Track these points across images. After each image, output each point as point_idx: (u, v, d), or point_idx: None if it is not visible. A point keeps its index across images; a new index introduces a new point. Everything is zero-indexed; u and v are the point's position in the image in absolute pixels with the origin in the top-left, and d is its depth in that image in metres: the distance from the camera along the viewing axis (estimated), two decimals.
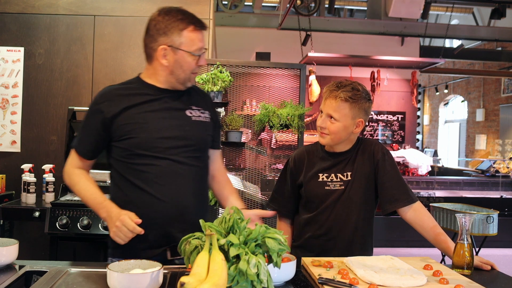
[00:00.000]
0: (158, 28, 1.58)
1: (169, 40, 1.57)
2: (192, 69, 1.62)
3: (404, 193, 1.78)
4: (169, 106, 1.64)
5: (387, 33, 8.28)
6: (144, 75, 1.69)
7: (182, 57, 1.58)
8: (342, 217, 1.81)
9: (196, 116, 1.68)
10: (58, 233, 2.74)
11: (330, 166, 1.84)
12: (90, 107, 1.65)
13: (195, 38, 1.59)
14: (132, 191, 1.60)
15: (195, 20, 1.60)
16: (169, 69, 1.60)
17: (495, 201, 6.17)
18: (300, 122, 3.22)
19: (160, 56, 1.58)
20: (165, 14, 1.58)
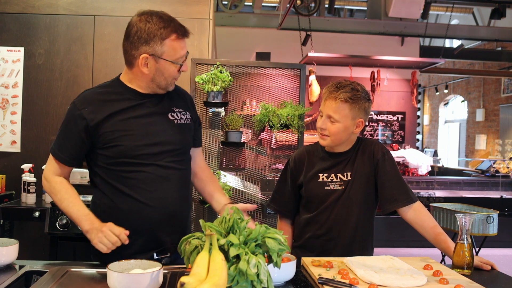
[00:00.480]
0: (140, 36, 1.53)
1: (151, 50, 1.53)
2: (173, 76, 1.60)
3: (404, 193, 1.78)
4: (152, 111, 1.62)
5: (387, 33, 8.28)
6: (124, 79, 1.65)
7: (164, 66, 1.56)
8: (342, 217, 1.81)
9: (179, 119, 1.67)
10: (58, 233, 2.73)
11: (330, 166, 1.84)
12: (70, 112, 1.60)
13: (177, 47, 1.55)
14: (118, 197, 1.58)
15: (177, 27, 1.56)
16: (150, 77, 1.58)
17: (495, 201, 6.17)
18: (300, 122, 3.22)
19: (141, 64, 1.55)
20: (147, 21, 1.54)
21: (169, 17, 1.57)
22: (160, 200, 1.57)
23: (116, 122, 1.56)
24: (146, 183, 1.57)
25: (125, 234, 1.47)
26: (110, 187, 1.60)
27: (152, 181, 1.57)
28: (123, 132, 1.56)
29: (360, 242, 1.83)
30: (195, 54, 3.38)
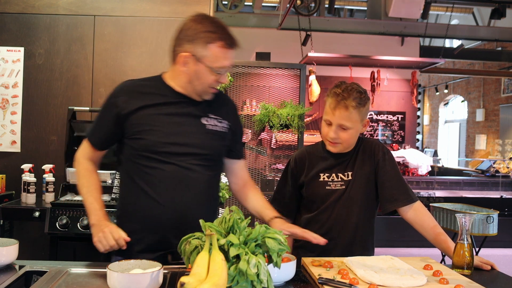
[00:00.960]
0: (187, 33, 1.53)
1: (193, 49, 1.51)
2: (210, 84, 1.56)
3: (404, 193, 1.79)
4: (185, 111, 1.60)
5: (387, 33, 8.28)
6: (166, 76, 1.65)
7: (202, 70, 1.53)
8: (343, 216, 1.81)
9: (212, 125, 1.64)
10: (58, 233, 2.73)
11: (331, 166, 1.85)
12: (107, 99, 1.63)
13: (220, 55, 1.52)
14: (134, 191, 1.59)
15: (226, 36, 1.52)
16: (187, 78, 1.56)
17: (495, 201, 6.17)
18: (300, 122, 3.22)
19: (181, 62, 1.54)
20: (198, 22, 1.53)
21: (222, 25, 1.54)
22: (172, 201, 1.55)
23: (145, 115, 1.56)
24: (162, 181, 1.55)
25: (125, 240, 1.49)
26: (129, 179, 1.61)
27: (169, 180, 1.55)
28: (149, 127, 1.56)
29: (360, 242, 1.83)
30: None
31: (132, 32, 3.41)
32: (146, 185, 1.56)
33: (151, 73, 3.52)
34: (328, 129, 1.78)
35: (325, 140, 1.82)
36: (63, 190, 2.99)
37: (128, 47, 3.41)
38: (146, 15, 3.42)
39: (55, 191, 3.05)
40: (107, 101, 1.62)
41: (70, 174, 3.03)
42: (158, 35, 3.41)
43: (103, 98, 3.46)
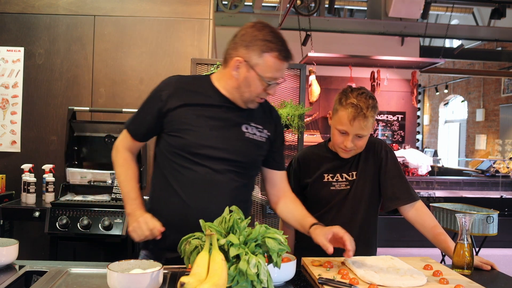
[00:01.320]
0: (244, 38, 1.51)
1: (247, 55, 1.50)
2: (258, 94, 1.55)
3: (406, 192, 1.80)
4: (227, 116, 1.58)
5: (387, 33, 8.28)
6: (214, 77, 1.64)
7: (253, 77, 1.51)
8: (348, 216, 1.81)
9: (251, 134, 1.62)
10: (58, 233, 2.73)
11: (336, 166, 1.85)
12: (153, 91, 1.61)
13: (273, 66, 1.50)
14: (164, 187, 1.59)
15: (282, 48, 1.50)
16: (236, 83, 1.54)
17: (495, 201, 6.17)
18: (300, 122, 3.22)
19: (233, 66, 1.52)
20: (257, 29, 1.51)
21: (280, 36, 1.53)
22: (200, 203, 1.53)
23: (186, 114, 1.55)
24: (193, 182, 1.54)
25: (159, 231, 1.50)
26: (160, 174, 1.61)
27: (199, 182, 1.54)
28: (188, 126, 1.54)
29: (364, 240, 1.84)
30: (195, 54, 3.38)
31: (132, 32, 3.41)
32: (176, 183, 1.56)
33: (151, 73, 3.56)
34: (344, 138, 1.75)
35: (337, 147, 1.80)
36: (63, 190, 2.99)
37: (128, 47, 3.41)
38: (146, 15, 3.42)
39: (55, 191, 3.05)
40: (152, 93, 1.61)
41: (70, 174, 3.03)
42: (158, 35, 3.41)
43: (103, 98, 3.48)
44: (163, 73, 3.40)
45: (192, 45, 3.41)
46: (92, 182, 3.04)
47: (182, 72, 3.38)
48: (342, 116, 1.73)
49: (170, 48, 3.41)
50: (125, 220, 2.75)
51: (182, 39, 3.41)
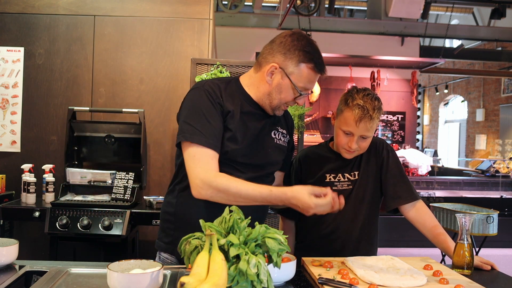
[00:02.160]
0: (283, 46, 1.52)
1: (284, 63, 1.51)
2: (287, 101, 1.56)
3: (407, 191, 1.80)
4: (260, 125, 1.59)
5: (387, 33, 8.29)
6: (244, 81, 1.62)
7: (286, 85, 1.52)
8: (350, 216, 1.81)
9: (278, 139, 1.64)
10: (58, 233, 2.73)
11: (338, 166, 1.85)
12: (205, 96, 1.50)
13: (307, 76, 1.52)
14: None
15: (318, 61, 1.52)
16: (268, 89, 1.54)
17: (495, 201, 6.17)
18: (300, 122, 3.22)
19: (268, 71, 1.52)
20: (296, 39, 1.52)
21: (317, 48, 1.55)
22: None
23: (230, 122, 1.52)
24: None
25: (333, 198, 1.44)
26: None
27: None
28: (231, 134, 1.52)
29: (366, 240, 1.84)
30: (195, 54, 3.38)
31: (132, 32, 3.41)
32: None
33: (151, 73, 3.56)
34: (348, 139, 1.75)
35: (341, 148, 1.80)
36: (63, 190, 2.99)
37: (128, 47, 3.41)
38: (146, 15, 3.42)
39: (55, 191, 3.05)
40: (208, 100, 1.49)
41: (70, 174, 3.03)
42: (158, 35, 3.41)
43: (103, 98, 3.49)
44: (163, 73, 3.41)
45: (192, 45, 3.41)
46: (92, 182, 3.04)
47: (182, 72, 3.39)
48: (347, 117, 1.73)
49: (170, 48, 3.41)
50: (126, 220, 2.75)
51: (182, 39, 3.41)
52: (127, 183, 2.95)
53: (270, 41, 1.58)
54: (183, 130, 1.48)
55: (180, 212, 1.60)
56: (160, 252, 1.66)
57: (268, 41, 1.61)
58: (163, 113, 3.40)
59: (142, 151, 3.04)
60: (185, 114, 1.52)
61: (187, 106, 1.53)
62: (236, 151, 1.53)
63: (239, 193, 1.42)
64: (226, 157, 1.52)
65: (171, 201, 1.64)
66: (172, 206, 1.62)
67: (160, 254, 1.65)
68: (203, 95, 1.51)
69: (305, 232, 1.91)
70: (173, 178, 1.67)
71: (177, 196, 1.62)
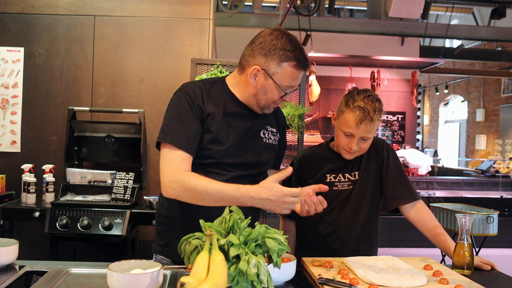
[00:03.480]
0: (263, 46, 1.50)
1: (265, 64, 1.49)
2: (274, 100, 1.55)
3: (407, 191, 1.80)
4: (247, 125, 1.58)
5: (387, 33, 8.29)
6: (229, 81, 1.61)
7: (270, 86, 1.51)
8: (351, 216, 1.82)
9: (268, 138, 1.64)
10: (58, 233, 2.73)
11: (338, 167, 1.85)
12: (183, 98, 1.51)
13: (291, 75, 1.50)
14: None
15: (301, 57, 1.50)
16: (253, 91, 1.54)
17: (495, 201, 6.17)
18: (300, 122, 3.22)
19: (251, 73, 1.51)
20: (276, 38, 1.50)
21: (298, 44, 1.52)
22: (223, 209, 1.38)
23: (213, 124, 1.51)
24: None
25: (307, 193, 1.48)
26: None
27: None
28: (215, 136, 1.51)
29: (367, 240, 1.84)
30: (195, 54, 3.38)
31: (132, 32, 3.41)
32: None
33: (151, 73, 3.56)
34: (349, 140, 1.75)
35: (341, 149, 1.80)
36: (63, 190, 2.99)
37: (128, 47, 3.41)
38: (146, 15, 3.42)
39: (55, 191, 3.05)
40: (186, 101, 1.50)
41: (70, 174, 3.03)
42: (158, 35, 3.41)
43: (103, 98, 3.48)
44: (163, 73, 3.41)
45: (192, 45, 3.41)
46: (92, 182, 3.04)
47: (182, 72, 3.39)
48: (348, 118, 1.73)
49: (170, 48, 3.41)
50: (126, 220, 2.75)
51: (182, 39, 3.41)
52: (127, 183, 2.95)
53: (250, 41, 1.56)
54: (160, 131, 1.52)
55: (172, 214, 1.60)
56: (156, 254, 1.65)
57: None
58: (163, 113, 3.37)
59: (142, 151, 3.04)
60: (165, 116, 1.55)
61: (168, 108, 1.56)
62: (221, 153, 1.52)
63: (206, 190, 1.40)
64: (212, 159, 1.52)
65: (163, 204, 1.64)
66: (165, 208, 1.63)
67: (156, 256, 1.65)
68: (182, 97, 1.52)
69: (305, 232, 1.91)
70: None
71: (168, 199, 1.60)
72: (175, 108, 1.53)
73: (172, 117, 1.52)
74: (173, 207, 1.59)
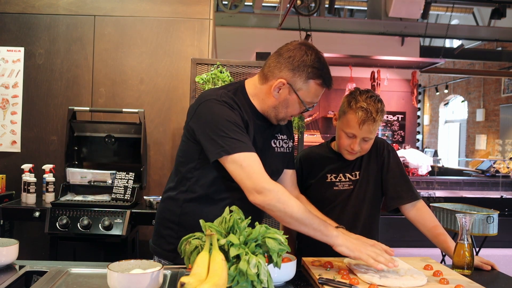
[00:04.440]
0: (291, 61, 1.47)
1: (292, 79, 1.47)
2: (293, 114, 1.56)
3: (408, 191, 1.80)
4: (263, 136, 1.58)
5: (387, 33, 8.29)
6: (249, 89, 1.57)
7: (293, 100, 1.50)
8: (351, 216, 1.82)
9: (279, 147, 1.63)
10: (58, 233, 2.73)
11: (339, 167, 1.85)
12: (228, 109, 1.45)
13: (315, 92, 1.50)
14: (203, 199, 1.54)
15: (327, 76, 1.50)
16: (274, 103, 1.52)
17: (495, 201, 6.17)
18: (300, 122, 3.22)
19: (275, 86, 1.49)
20: (305, 53, 1.47)
21: (325, 62, 1.51)
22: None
23: (249, 134, 1.49)
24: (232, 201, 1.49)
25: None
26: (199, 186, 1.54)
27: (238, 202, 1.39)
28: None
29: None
30: (195, 54, 3.38)
31: (132, 32, 3.41)
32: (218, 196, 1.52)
33: (151, 73, 3.56)
34: (351, 141, 1.75)
35: (343, 150, 1.80)
36: (63, 190, 2.99)
37: (128, 47, 3.41)
38: (146, 15, 3.42)
39: (55, 191, 3.05)
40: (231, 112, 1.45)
41: (70, 174, 3.03)
42: (158, 35, 3.41)
43: (103, 98, 3.48)
44: (163, 73, 3.41)
45: (192, 45, 3.41)
46: (92, 182, 3.04)
47: (182, 72, 3.38)
48: (351, 119, 1.72)
49: (170, 48, 3.41)
50: (126, 220, 2.75)
51: (182, 39, 3.41)
52: (127, 183, 2.95)
53: (276, 52, 1.53)
54: (218, 145, 1.41)
55: (186, 223, 1.56)
56: (159, 258, 1.61)
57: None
58: (163, 113, 3.40)
59: (142, 151, 3.04)
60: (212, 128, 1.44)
61: (212, 119, 1.45)
62: None
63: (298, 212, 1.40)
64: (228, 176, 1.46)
65: (174, 210, 1.59)
66: (176, 215, 1.59)
67: (160, 260, 1.60)
68: (223, 107, 1.46)
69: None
70: (174, 185, 1.62)
71: (181, 206, 1.58)
72: (224, 118, 1.43)
73: (226, 127, 1.42)
74: (187, 216, 1.56)
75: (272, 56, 1.53)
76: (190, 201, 1.56)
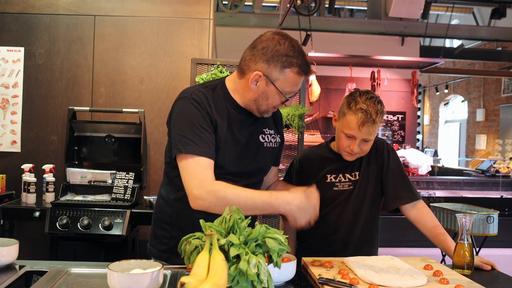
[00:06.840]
0: (264, 52, 1.46)
1: (267, 70, 1.46)
2: (275, 105, 1.54)
3: (408, 191, 1.80)
4: (248, 132, 1.57)
5: (387, 33, 8.29)
6: (229, 84, 1.57)
7: (272, 92, 1.49)
8: (351, 216, 1.82)
9: (268, 142, 1.62)
10: (58, 233, 2.73)
11: (339, 167, 1.85)
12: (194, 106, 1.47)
13: (293, 81, 1.48)
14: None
15: (303, 63, 1.47)
16: (254, 96, 1.51)
17: (495, 201, 6.17)
18: (300, 122, 3.21)
19: (252, 79, 1.48)
20: (278, 43, 1.46)
21: (300, 49, 1.49)
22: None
23: (222, 132, 1.49)
24: None
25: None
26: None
27: None
28: (220, 145, 1.49)
29: (367, 240, 1.84)
30: (195, 54, 3.38)
31: (132, 32, 3.41)
32: None
33: (151, 73, 3.55)
34: (350, 142, 1.75)
35: (343, 151, 1.80)
36: (63, 190, 3.00)
37: (128, 47, 3.41)
38: (146, 15, 3.42)
39: (55, 191, 3.05)
40: (197, 109, 1.47)
41: (70, 174, 3.03)
42: (158, 35, 3.41)
43: (103, 98, 3.48)
44: (163, 73, 3.41)
45: (192, 45, 3.41)
46: (92, 182, 3.04)
47: (183, 72, 3.38)
48: (350, 120, 1.72)
49: (170, 48, 3.41)
50: (126, 220, 2.75)
51: (182, 39, 3.41)
52: (127, 183, 2.95)
53: (250, 45, 1.52)
54: (176, 142, 1.46)
55: (176, 222, 1.57)
56: (155, 260, 1.59)
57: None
58: (163, 113, 3.40)
59: (142, 151, 3.04)
60: (176, 126, 1.49)
61: (177, 117, 1.50)
62: (227, 162, 1.51)
63: (238, 198, 1.38)
64: (219, 170, 1.48)
65: (165, 210, 1.61)
66: (167, 215, 1.60)
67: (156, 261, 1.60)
68: (191, 105, 1.48)
69: (306, 232, 1.90)
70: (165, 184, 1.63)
71: (172, 205, 1.59)
72: (187, 117, 1.47)
73: (186, 126, 1.46)
74: (178, 215, 1.56)
75: (247, 49, 1.53)
76: (179, 201, 1.56)
